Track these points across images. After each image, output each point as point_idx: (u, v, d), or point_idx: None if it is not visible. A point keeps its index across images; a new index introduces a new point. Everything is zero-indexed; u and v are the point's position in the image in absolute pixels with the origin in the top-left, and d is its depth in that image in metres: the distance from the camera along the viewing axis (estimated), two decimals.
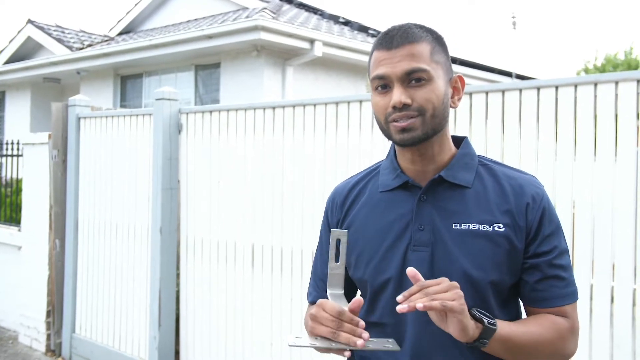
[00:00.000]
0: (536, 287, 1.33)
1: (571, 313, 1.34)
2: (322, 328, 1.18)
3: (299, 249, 3.51)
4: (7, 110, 12.18)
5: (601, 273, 2.46)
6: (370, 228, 1.40)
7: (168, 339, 4.27)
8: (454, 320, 1.15)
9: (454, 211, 1.34)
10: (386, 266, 1.35)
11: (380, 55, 1.32)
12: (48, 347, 5.33)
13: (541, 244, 1.32)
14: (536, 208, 1.33)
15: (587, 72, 14.74)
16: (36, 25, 11.49)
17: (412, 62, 1.28)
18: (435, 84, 1.30)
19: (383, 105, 1.32)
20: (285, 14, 8.71)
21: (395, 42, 1.30)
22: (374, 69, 1.33)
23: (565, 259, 1.35)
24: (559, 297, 1.32)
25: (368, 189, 1.46)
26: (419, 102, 1.29)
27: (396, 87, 1.29)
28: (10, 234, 6.00)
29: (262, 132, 3.77)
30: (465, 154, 1.40)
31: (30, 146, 5.60)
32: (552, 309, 1.33)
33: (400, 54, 1.29)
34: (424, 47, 1.30)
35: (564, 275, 1.33)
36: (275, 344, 3.63)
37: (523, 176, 1.38)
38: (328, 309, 1.19)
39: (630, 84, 2.43)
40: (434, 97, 1.29)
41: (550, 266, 1.32)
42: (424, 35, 1.32)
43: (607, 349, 2.44)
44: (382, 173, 1.45)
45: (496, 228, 1.31)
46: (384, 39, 1.33)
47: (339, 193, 1.51)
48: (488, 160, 1.43)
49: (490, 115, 2.80)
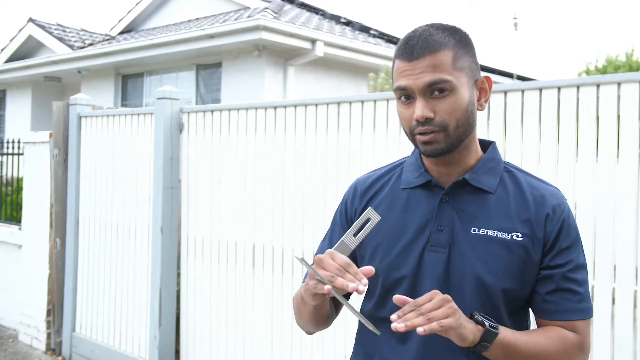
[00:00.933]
0: (548, 299, 1.31)
1: (582, 329, 1.31)
2: (322, 272, 1.17)
3: (299, 249, 3.51)
4: (7, 109, 12.19)
5: (602, 274, 2.46)
6: (389, 223, 1.39)
7: (168, 338, 4.27)
8: (452, 333, 1.16)
9: (474, 215, 1.33)
10: (401, 264, 1.35)
11: (402, 65, 1.29)
12: (48, 346, 5.33)
13: (556, 256, 1.30)
14: (556, 220, 1.31)
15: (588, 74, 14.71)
16: (37, 24, 11.49)
17: (433, 74, 1.25)
18: (458, 94, 1.27)
19: (408, 117, 1.31)
20: (286, 14, 8.71)
21: (416, 53, 1.27)
22: (396, 80, 1.31)
23: (581, 274, 1.32)
24: (570, 311, 1.30)
25: (390, 184, 1.45)
26: (441, 115, 1.27)
27: (418, 99, 1.27)
28: (10, 233, 6.00)
29: (264, 131, 3.76)
30: (491, 159, 1.39)
31: (31, 145, 5.60)
32: (562, 322, 1.30)
33: (421, 66, 1.26)
34: (445, 56, 1.26)
35: (577, 289, 1.30)
36: (275, 344, 3.63)
37: (546, 187, 1.37)
38: (338, 258, 1.18)
39: (633, 85, 2.43)
40: (457, 109, 1.27)
41: (564, 279, 1.30)
42: (446, 41, 1.28)
43: (608, 350, 2.43)
44: (406, 170, 1.44)
45: (514, 237, 1.29)
46: (405, 49, 1.29)
47: (362, 183, 1.50)
48: (513, 167, 1.41)
49: (492, 116, 2.80)
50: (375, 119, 3.21)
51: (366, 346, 1.44)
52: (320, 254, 1.24)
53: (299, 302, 1.44)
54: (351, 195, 1.50)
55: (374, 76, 7.75)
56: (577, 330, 1.31)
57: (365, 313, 1.46)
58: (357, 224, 1.25)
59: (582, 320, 1.31)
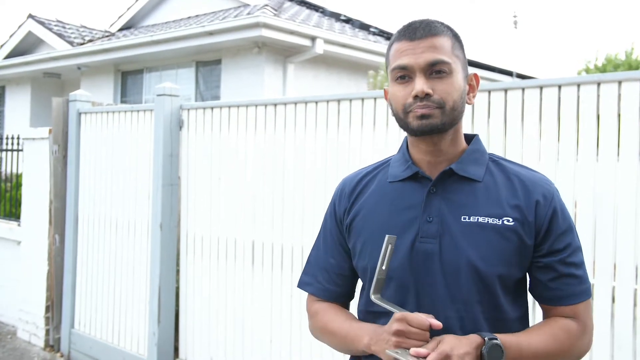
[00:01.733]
0: (550, 286, 1.33)
1: (584, 311, 1.35)
2: (411, 342, 1.20)
3: (299, 246, 3.50)
4: (7, 105, 12.16)
5: (602, 273, 2.46)
6: (377, 217, 1.39)
7: (167, 335, 4.27)
8: None
9: (463, 204, 1.34)
10: (392, 257, 1.35)
11: (403, 45, 1.33)
12: (47, 342, 5.32)
13: (555, 242, 1.33)
14: (547, 206, 1.33)
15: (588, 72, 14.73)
16: (37, 20, 11.47)
17: (435, 53, 1.30)
18: (455, 77, 1.32)
19: (403, 96, 1.32)
20: (286, 11, 8.70)
21: (419, 33, 1.32)
22: (395, 59, 1.34)
23: (578, 256, 1.35)
24: (572, 295, 1.33)
25: (377, 179, 1.46)
26: (439, 94, 1.30)
27: (418, 77, 1.30)
28: (9, 229, 6.00)
29: (263, 129, 3.76)
30: (475, 150, 1.41)
31: (30, 141, 5.59)
32: (565, 307, 1.34)
33: (423, 45, 1.30)
34: (445, 41, 1.32)
35: (577, 273, 1.34)
36: (274, 341, 3.63)
37: (534, 174, 1.39)
38: (415, 323, 1.21)
39: (633, 83, 2.42)
40: (454, 90, 1.31)
41: (564, 264, 1.33)
42: (445, 30, 1.35)
43: (607, 349, 2.44)
44: (393, 165, 1.46)
45: (505, 222, 1.31)
46: (407, 30, 1.34)
47: (348, 182, 1.51)
48: (499, 157, 1.44)
49: (492, 114, 2.80)
50: (376, 117, 3.21)
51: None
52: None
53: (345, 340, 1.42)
54: (339, 196, 1.52)
55: (373, 74, 7.74)
56: (580, 311, 1.34)
57: (360, 310, 1.47)
58: (382, 255, 1.28)
59: (584, 302, 1.35)
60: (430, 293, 1.31)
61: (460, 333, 1.28)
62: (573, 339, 1.32)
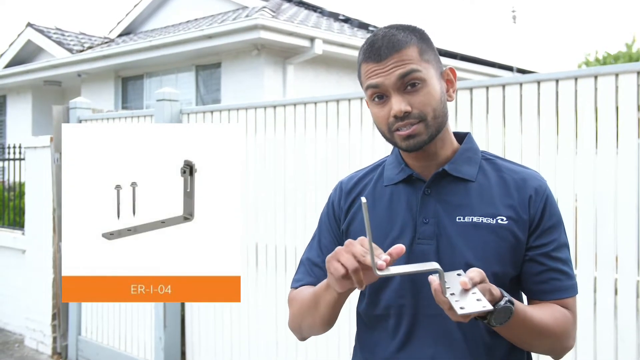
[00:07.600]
0: (537, 280, 1.34)
1: (572, 305, 1.36)
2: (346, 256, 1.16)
3: (302, 248, 3.51)
4: (8, 114, 12.20)
5: (604, 266, 2.46)
6: (374, 220, 1.39)
7: (174, 340, 4.28)
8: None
9: (458, 204, 1.35)
10: (390, 260, 1.35)
11: (371, 67, 1.31)
12: (54, 350, 5.34)
13: (540, 236, 1.33)
14: (539, 200, 1.34)
15: (587, 65, 14.73)
16: (36, 29, 11.50)
17: (403, 67, 1.28)
18: (430, 85, 1.30)
19: (384, 116, 1.32)
20: (284, 13, 8.70)
21: (383, 52, 1.29)
22: (366, 79, 1.33)
23: (564, 252, 1.36)
24: (560, 289, 1.34)
25: (372, 182, 1.47)
26: (418, 107, 1.29)
27: (393, 96, 1.29)
28: (14, 238, 6.02)
29: (264, 131, 3.77)
30: (468, 149, 1.41)
31: (32, 149, 5.61)
32: (555, 301, 1.34)
33: (391, 64, 1.29)
34: (412, 51, 1.30)
35: (563, 268, 1.34)
36: (280, 343, 3.64)
37: (526, 170, 1.40)
38: (365, 243, 1.16)
39: (630, 75, 2.42)
40: (432, 99, 1.30)
41: (550, 258, 1.33)
42: (409, 39, 1.31)
43: (611, 341, 2.43)
44: (387, 168, 1.46)
45: (499, 221, 1.32)
46: (371, 51, 1.31)
47: (346, 183, 1.52)
48: (491, 155, 1.44)
49: (491, 109, 2.80)
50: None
51: (365, 352, 1.43)
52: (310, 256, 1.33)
53: (314, 297, 1.37)
54: (337, 195, 1.52)
55: None
56: (569, 306, 1.35)
57: (359, 312, 1.46)
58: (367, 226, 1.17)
59: (572, 297, 1.35)
60: (428, 294, 1.32)
61: (459, 333, 1.30)
62: (568, 325, 1.33)
